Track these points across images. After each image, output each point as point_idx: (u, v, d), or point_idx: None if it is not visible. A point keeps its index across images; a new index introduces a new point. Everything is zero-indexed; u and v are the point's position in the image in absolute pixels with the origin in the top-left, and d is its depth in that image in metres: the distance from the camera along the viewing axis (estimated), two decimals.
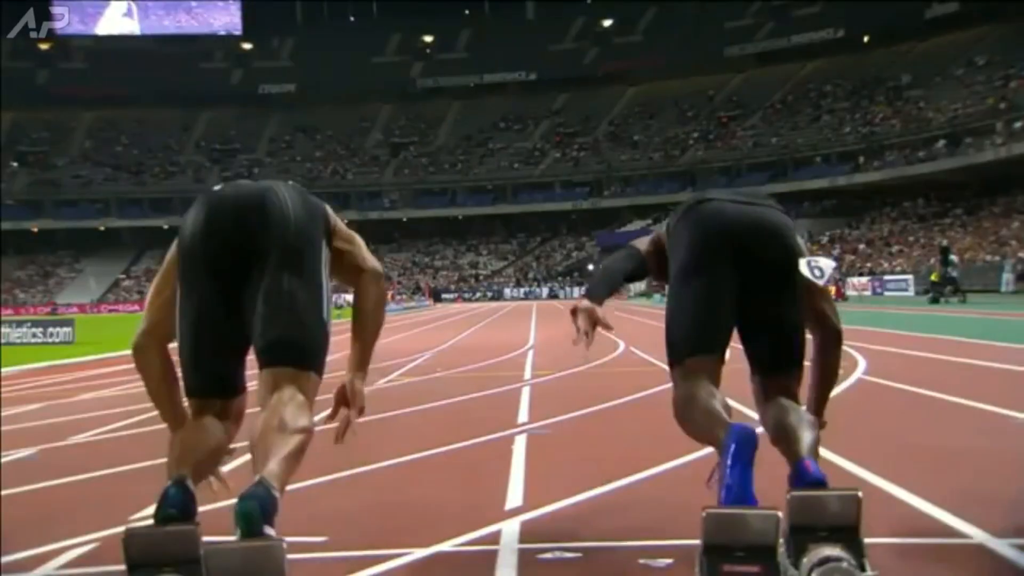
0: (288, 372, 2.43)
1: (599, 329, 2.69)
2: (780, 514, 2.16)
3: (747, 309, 2.69)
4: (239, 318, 2.50)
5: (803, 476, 2.35)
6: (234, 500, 2.12)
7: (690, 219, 2.78)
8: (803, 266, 2.64)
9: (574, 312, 2.70)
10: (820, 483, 2.33)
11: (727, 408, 2.62)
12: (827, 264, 2.67)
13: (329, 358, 2.54)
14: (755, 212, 2.72)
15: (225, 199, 2.58)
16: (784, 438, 2.56)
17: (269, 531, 2.12)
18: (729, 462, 2.35)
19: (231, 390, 2.60)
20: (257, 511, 2.11)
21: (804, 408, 2.67)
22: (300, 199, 2.61)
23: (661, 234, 2.95)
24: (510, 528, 3.06)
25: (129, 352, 2.66)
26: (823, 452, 4.15)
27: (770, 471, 2.64)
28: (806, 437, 2.52)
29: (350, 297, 2.83)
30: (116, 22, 73.42)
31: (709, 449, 3.24)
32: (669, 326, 2.77)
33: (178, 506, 2.23)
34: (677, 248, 2.79)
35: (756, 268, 2.66)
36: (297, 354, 2.46)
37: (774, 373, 2.71)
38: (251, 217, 2.50)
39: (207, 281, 2.51)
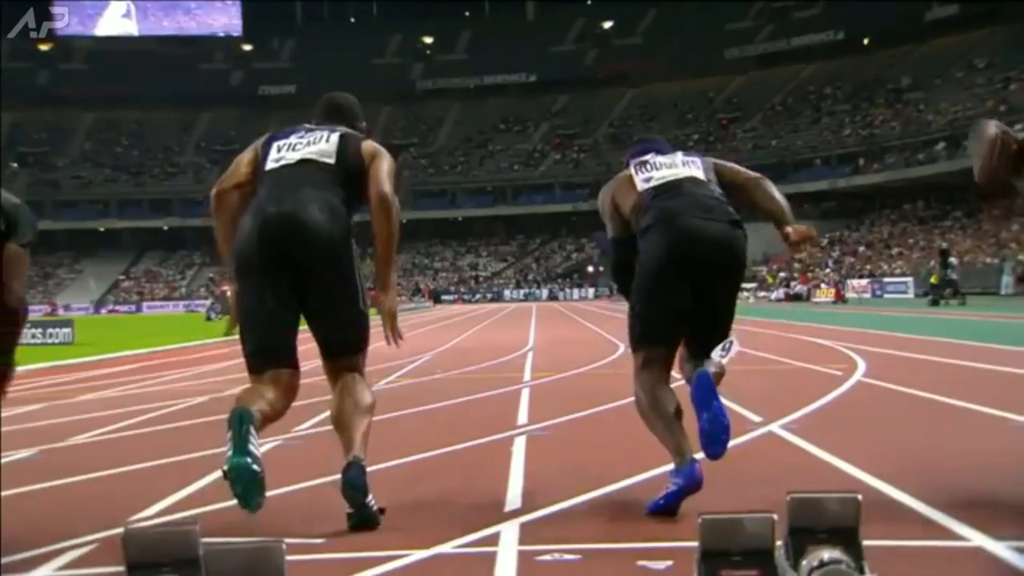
0: (344, 360, 3.26)
1: (600, 332, 2.90)
2: (776, 517, 2.17)
3: (696, 304, 3.28)
4: (291, 304, 3.16)
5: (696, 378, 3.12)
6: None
7: (660, 230, 3.28)
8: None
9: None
10: (705, 381, 3.08)
11: (679, 412, 3.23)
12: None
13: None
14: (712, 228, 3.26)
15: (270, 220, 3.12)
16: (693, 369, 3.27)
17: (370, 499, 3.03)
18: (671, 497, 3.14)
19: (293, 362, 3.19)
20: (361, 490, 2.99)
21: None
22: (330, 210, 3.15)
23: (617, 201, 3.49)
24: (509, 529, 3.06)
25: (131, 353, 2.71)
26: (824, 455, 4.18)
27: (768, 469, 2.65)
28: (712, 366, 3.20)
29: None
30: (115, 23, 73.38)
31: None
32: (632, 319, 3.38)
33: (249, 419, 2.82)
34: (646, 249, 3.32)
35: (707, 274, 3.25)
36: (347, 346, 3.27)
37: (704, 350, 3.33)
38: (296, 245, 3.11)
39: (262, 278, 3.12)
